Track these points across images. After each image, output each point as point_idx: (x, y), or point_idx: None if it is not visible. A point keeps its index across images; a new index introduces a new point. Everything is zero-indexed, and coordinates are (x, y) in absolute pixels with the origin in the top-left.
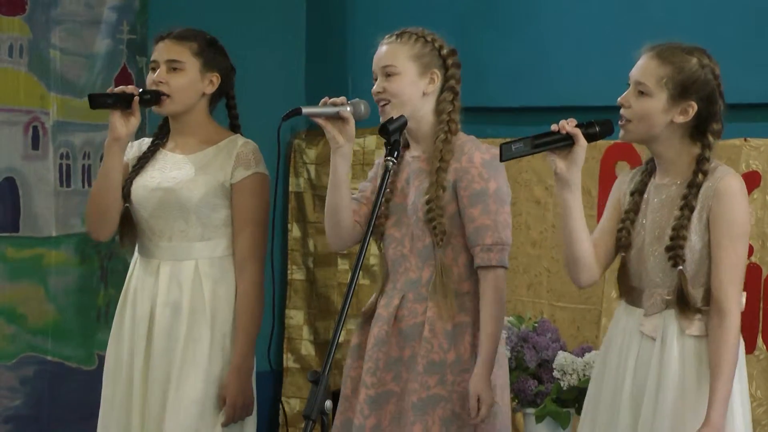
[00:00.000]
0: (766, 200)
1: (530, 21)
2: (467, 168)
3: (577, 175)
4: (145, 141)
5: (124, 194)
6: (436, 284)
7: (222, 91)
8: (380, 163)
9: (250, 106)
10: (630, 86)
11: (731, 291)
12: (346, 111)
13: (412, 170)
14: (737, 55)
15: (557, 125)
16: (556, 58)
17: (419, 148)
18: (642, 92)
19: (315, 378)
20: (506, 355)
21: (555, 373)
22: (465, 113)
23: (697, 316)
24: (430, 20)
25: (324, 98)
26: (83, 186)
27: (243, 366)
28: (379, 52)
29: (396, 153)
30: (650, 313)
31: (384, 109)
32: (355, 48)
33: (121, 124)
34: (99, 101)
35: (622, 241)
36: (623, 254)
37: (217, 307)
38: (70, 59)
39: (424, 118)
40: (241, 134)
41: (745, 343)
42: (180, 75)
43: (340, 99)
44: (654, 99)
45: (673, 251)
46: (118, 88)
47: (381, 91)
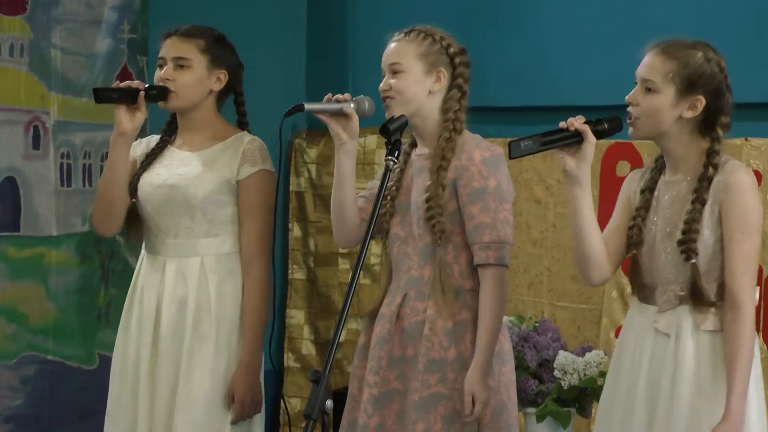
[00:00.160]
0: (767, 200)
1: (531, 20)
2: (467, 165)
3: (586, 172)
4: (153, 138)
5: (131, 191)
6: (435, 282)
7: (230, 88)
8: None
9: (251, 105)
10: (637, 84)
11: (745, 284)
12: (349, 107)
13: (417, 168)
14: (737, 54)
15: (566, 122)
16: (557, 58)
17: (425, 146)
18: (649, 89)
19: (316, 377)
20: None
21: (556, 373)
22: (466, 113)
23: (711, 310)
24: (431, 19)
25: (328, 94)
26: (84, 185)
27: (251, 363)
28: (388, 50)
29: (397, 152)
30: (664, 310)
31: (388, 106)
32: (355, 46)
33: (126, 119)
34: (104, 96)
35: (634, 239)
36: (634, 252)
37: (223, 304)
38: (71, 59)
39: (430, 116)
40: (248, 131)
41: None
42: (187, 72)
43: (345, 95)
44: (662, 95)
45: (686, 245)
46: (123, 83)
47: (387, 89)
